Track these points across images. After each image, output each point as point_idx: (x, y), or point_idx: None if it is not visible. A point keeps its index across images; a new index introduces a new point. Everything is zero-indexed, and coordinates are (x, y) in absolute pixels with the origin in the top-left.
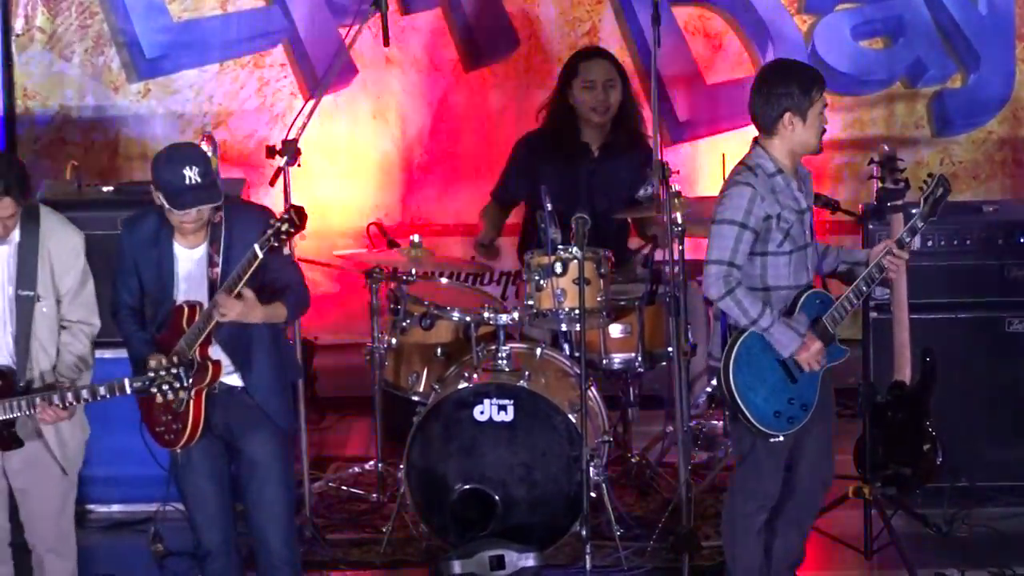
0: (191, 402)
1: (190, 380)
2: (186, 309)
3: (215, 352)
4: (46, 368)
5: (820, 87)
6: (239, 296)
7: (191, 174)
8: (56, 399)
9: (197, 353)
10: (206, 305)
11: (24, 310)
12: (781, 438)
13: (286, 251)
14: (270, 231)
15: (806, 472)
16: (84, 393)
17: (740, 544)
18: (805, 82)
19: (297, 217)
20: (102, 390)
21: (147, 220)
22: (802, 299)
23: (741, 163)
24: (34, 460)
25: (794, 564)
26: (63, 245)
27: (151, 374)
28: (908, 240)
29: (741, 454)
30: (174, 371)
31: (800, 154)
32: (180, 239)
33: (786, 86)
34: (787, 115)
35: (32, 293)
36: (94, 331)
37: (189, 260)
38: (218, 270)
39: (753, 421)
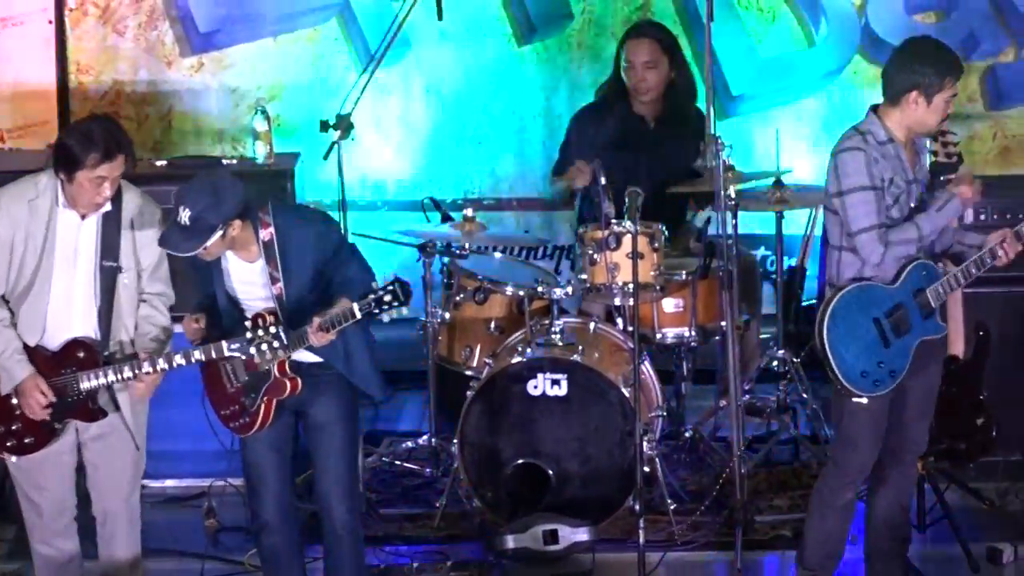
0: (263, 406)
1: (288, 342)
2: (268, 317)
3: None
4: (126, 340)
5: (955, 77)
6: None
7: (183, 215)
8: (147, 366)
9: (276, 369)
10: (278, 315)
11: (107, 281)
12: (864, 400)
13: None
14: (372, 297)
15: (907, 437)
16: (178, 358)
17: (818, 516)
18: (941, 68)
19: (402, 293)
20: (197, 353)
21: None
22: (908, 268)
23: (852, 127)
24: (110, 433)
25: (899, 537)
26: (145, 218)
27: (249, 335)
28: None
29: (838, 423)
30: (273, 330)
31: (916, 132)
32: (234, 252)
33: (923, 65)
34: (914, 92)
35: (115, 264)
36: (171, 302)
37: (248, 272)
38: (280, 285)
39: (839, 376)
